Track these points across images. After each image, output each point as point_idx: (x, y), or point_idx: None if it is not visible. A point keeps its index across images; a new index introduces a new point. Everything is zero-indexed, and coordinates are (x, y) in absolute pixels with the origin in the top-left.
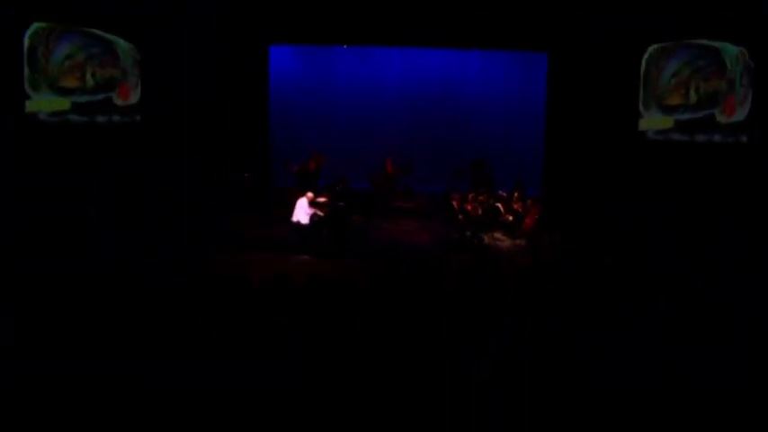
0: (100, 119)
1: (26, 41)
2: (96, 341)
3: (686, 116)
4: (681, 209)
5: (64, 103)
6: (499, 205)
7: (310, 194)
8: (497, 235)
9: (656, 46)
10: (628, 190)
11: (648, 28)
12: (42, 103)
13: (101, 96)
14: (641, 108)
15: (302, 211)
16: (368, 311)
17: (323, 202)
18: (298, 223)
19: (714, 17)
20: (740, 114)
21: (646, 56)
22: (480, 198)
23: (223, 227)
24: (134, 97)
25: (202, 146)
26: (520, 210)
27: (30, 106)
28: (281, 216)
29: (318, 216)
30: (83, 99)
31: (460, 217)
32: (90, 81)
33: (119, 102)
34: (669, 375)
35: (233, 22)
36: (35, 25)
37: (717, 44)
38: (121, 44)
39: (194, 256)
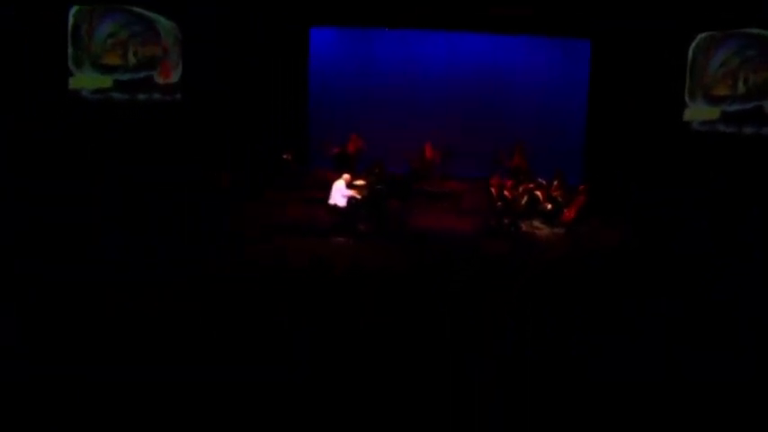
0: (141, 97)
1: (70, 20)
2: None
3: (734, 107)
4: (714, 196)
5: (106, 81)
6: (538, 193)
7: (347, 176)
8: (536, 223)
9: (703, 35)
10: (668, 181)
11: (696, 16)
12: (85, 80)
13: (142, 74)
14: (687, 98)
15: (339, 194)
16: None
17: (361, 185)
18: (335, 206)
19: (765, 5)
20: None
21: (693, 45)
22: (530, 185)
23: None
24: (175, 76)
25: (240, 127)
26: (559, 198)
27: (73, 83)
28: (314, 198)
29: (356, 199)
30: (125, 77)
31: (499, 204)
32: (132, 59)
33: (159, 80)
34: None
35: (274, 3)
36: (79, 4)
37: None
38: (163, 22)
39: (231, 247)
